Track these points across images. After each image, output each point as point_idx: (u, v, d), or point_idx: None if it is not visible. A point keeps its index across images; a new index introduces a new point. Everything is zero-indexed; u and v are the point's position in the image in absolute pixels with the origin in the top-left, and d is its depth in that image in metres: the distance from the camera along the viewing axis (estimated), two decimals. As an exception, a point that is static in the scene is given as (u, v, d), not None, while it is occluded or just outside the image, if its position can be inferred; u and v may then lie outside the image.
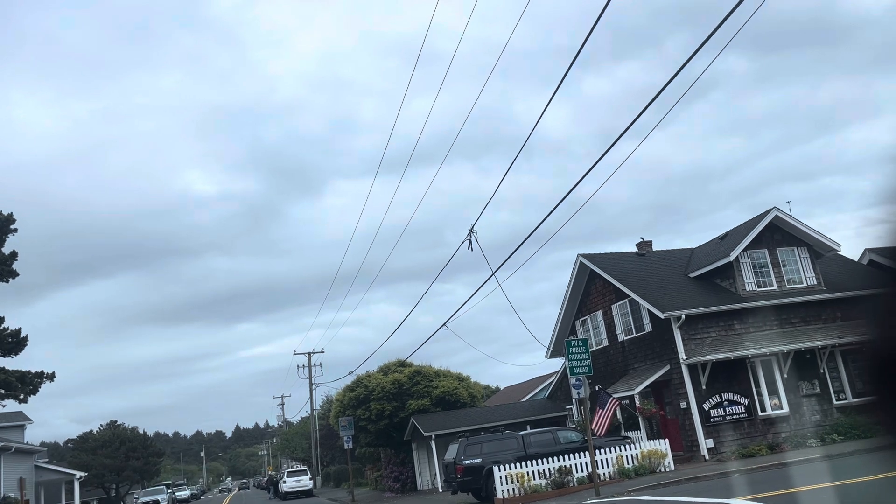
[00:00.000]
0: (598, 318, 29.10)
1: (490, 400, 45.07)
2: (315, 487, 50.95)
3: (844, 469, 16.83)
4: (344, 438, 33.60)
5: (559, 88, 15.31)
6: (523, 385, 44.97)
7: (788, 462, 19.75)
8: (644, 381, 24.38)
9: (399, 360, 36.58)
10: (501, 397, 44.21)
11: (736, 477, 18.70)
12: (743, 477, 18.45)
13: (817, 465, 18.89)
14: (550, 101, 15.43)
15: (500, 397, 45.21)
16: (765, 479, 17.54)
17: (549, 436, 23.29)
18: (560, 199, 16.26)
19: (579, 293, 30.23)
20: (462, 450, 22.31)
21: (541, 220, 17.35)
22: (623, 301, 27.19)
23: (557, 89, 15.57)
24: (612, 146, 14.55)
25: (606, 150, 14.61)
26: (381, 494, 35.57)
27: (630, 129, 55.99)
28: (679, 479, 19.46)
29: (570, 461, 21.73)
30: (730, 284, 25.66)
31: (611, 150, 14.28)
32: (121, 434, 72.18)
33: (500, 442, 22.80)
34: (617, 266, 27.82)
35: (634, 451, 22.38)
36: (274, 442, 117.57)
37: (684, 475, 20.07)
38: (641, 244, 30.52)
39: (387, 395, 33.73)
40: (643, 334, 26.20)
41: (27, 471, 47.51)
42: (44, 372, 27.44)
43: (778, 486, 15.32)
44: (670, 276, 27.19)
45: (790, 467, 19.08)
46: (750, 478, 18.06)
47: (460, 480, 22.00)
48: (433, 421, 32.14)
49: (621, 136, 14.34)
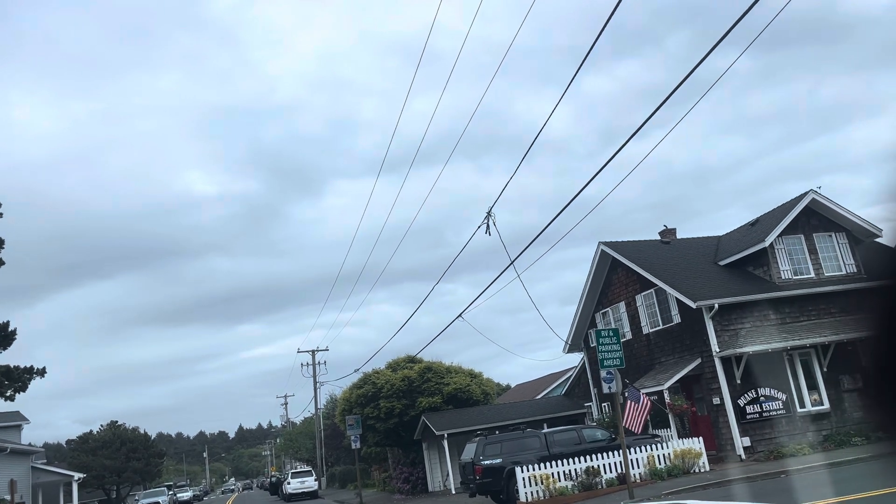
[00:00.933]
0: (620, 310, 27.50)
1: (501, 398, 43.49)
2: (320, 488, 49.38)
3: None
4: (351, 438, 32.02)
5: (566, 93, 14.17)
6: (536, 383, 43.39)
7: (837, 462, 18.15)
8: (674, 375, 22.79)
9: (408, 355, 35.03)
10: (512, 395, 42.65)
11: (785, 479, 17.11)
12: (793, 479, 16.85)
13: (872, 466, 17.28)
14: (557, 105, 14.08)
15: (512, 395, 43.64)
16: (817, 481, 15.95)
17: (573, 434, 21.72)
18: (580, 189, 14.86)
19: (600, 284, 28.63)
20: (481, 449, 20.75)
21: (566, 204, 15.94)
22: (648, 291, 25.60)
23: (564, 94, 14.96)
24: (628, 140, 13.69)
25: (624, 143, 14.27)
26: (389, 496, 34.02)
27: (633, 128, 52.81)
28: (720, 481, 17.87)
29: (597, 461, 20.16)
30: (764, 272, 24.05)
31: (615, 148, 12.82)
32: (121, 434, 70.66)
33: (521, 441, 21.23)
34: (641, 254, 26.23)
35: (666, 450, 20.80)
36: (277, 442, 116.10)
37: (723, 476, 18.48)
38: (665, 232, 28.91)
39: (396, 392, 32.17)
40: (671, 326, 24.60)
41: (24, 472, 46.03)
42: (33, 367, 25.93)
43: (838, 491, 13.74)
44: (699, 264, 25.59)
45: (841, 468, 17.49)
46: (801, 480, 16.47)
47: (479, 482, 20.43)
48: (445, 419, 30.58)
49: (639, 130, 13.73)
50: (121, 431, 71.22)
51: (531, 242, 19.76)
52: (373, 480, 46.35)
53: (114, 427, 71.87)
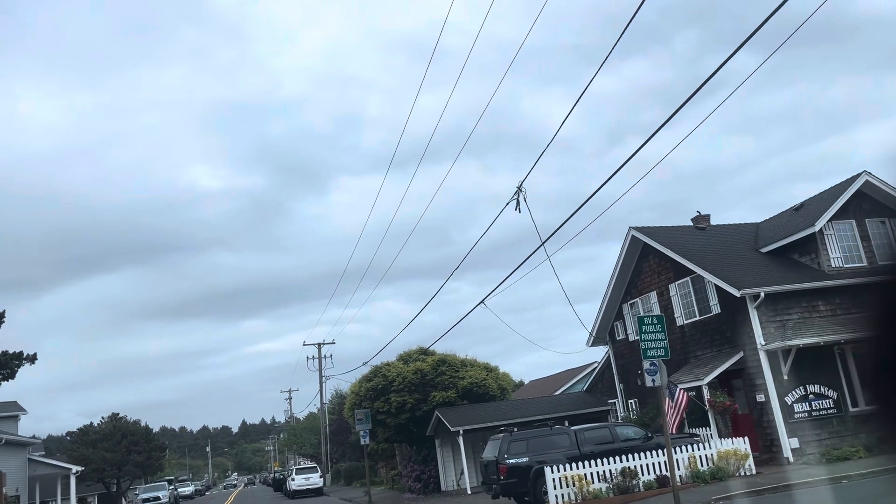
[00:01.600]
0: (650, 301, 25.68)
1: (515, 395, 41.68)
2: (324, 485, 47.71)
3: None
4: (360, 433, 30.33)
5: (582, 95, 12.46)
6: (551, 379, 41.59)
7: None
8: (714, 369, 20.98)
9: (421, 347, 33.29)
10: (526, 392, 40.89)
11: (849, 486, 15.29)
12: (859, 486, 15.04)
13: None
14: (573, 108, 12.45)
15: (525, 392, 41.87)
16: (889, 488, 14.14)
17: (605, 432, 19.93)
18: (611, 173, 13.19)
19: (628, 272, 26.82)
20: (505, 446, 18.99)
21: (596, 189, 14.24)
22: (684, 280, 23.78)
23: (581, 97, 13.54)
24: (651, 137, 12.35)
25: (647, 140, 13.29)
26: (399, 495, 32.30)
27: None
28: (774, 486, 16.06)
29: (634, 462, 18.37)
30: (811, 260, 22.21)
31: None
32: (122, 427, 69.04)
33: (548, 438, 19.46)
34: (675, 240, 24.42)
35: (708, 450, 18.99)
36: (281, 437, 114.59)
37: (777, 481, 16.66)
38: (698, 218, 27.06)
39: (408, 385, 30.43)
40: (709, 317, 22.78)
41: (20, 464, 44.49)
42: (23, 353, 24.32)
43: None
44: (738, 251, 23.76)
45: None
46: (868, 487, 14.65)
47: (504, 482, 18.67)
48: (460, 415, 28.83)
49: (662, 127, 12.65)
50: (122, 424, 69.60)
51: (564, 223, 17.94)
52: (380, 478, 44.65)
53: (115, 419, 70.32)
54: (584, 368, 37.29)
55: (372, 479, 44.48)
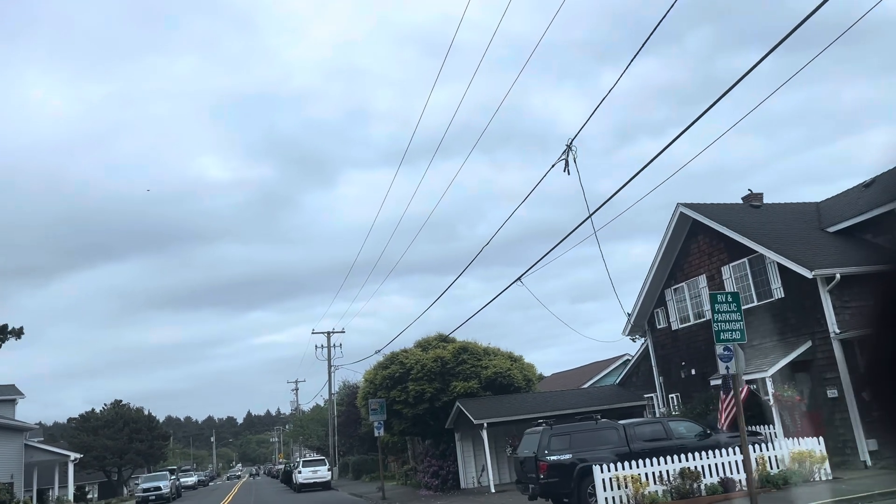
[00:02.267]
0: (698, 285, 23.32)
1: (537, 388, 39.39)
2: (332, 479, 45.56)
3: None
4: (374, 424, 28.14)
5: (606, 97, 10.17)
6: (576, 372, 39.28)
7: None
8: (778, 360, 18.63)
9: (440, 334, 31.03)
10: (549, 386, 38.57)
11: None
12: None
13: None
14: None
15: (547, 386, 39.51)
16: None
17: (658, 427, 17.60)
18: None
19: (673, 255, 24.46)
20: (546, 441, 16.70)
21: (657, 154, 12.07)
22: (740, 261, 21.40)
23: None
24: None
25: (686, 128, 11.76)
26: (413, 492, 30.09)
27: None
28: (866, 496, 13.72)
29: (694, 462, 16.05)
30: (887, 240, 19.79)
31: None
32: (125, 414, 67.27)
33: (594, 433, 17.16)
34: (729, 217, 22.05)
35: (778, 451, 16.66)
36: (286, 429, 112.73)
37: (866, 489, 14.31)
38: (750, 196, 24.67)
39: (427, 374, 28.18)
40: (770, 302, 20.40)
41: (16, 450, 42.56)
42: (7, 326, 22.24)
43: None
44: (801, 230, 21.37)
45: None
46: None
47: (544, 482, 16.39)
48: (484, 407, 26.59)
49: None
50: (124, 411, 67.80)
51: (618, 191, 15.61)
52: (391, 472, 42.49)
53: (117, 406, 68.48)
54: (612, 361, 35.00)
55: (384, 474, 42.35)
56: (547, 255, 18.62)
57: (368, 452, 52.43)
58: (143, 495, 46.94)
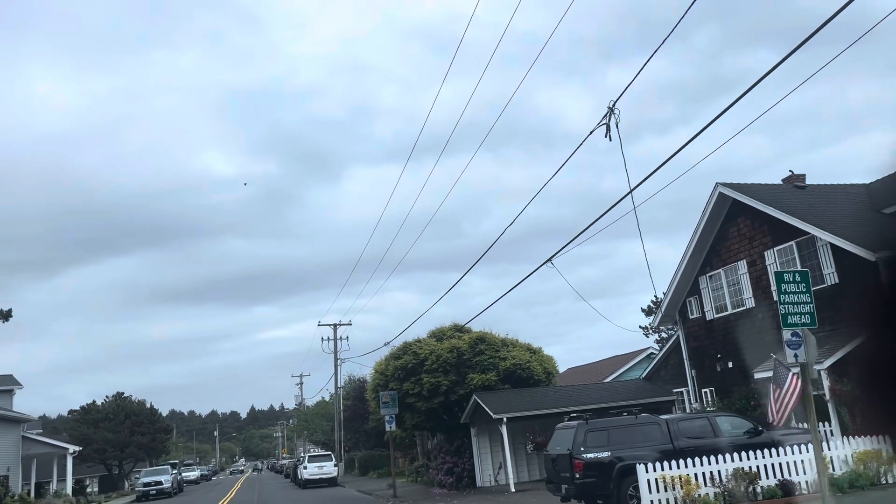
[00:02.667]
0: (738, 271, 21.67)
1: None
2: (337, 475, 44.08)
3: None
4: (385, 418, 26.58)
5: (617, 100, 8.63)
6: (595, 366, 37.63)
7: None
8: (835, 351, 17.00)
9: (455, 324, 29.46)
10: (566, 381, 36.95)
11: None
12: None
13: None
14: (639, 73, 8.62)
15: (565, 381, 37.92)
16: None
17: (704, 423, 16.00)
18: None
19: (709, 239, 22.81)
20: (582, 437, 15.12)
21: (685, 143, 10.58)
22: (786, 245, 19.75)
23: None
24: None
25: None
26: (426, 490, 28.54)
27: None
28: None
29: (748, 461, 14.45)
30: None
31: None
32: (126, 407, 65.88)
33: (634, 429, 15.58)
34: (774, 198, 20.40)
35: (840, 451, 15.04)
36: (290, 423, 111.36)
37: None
38: (791, 178, 23.01)
39: (443, 365, 26.61)
40: (821, 289, 18.68)
41: (12, 442, 41.19)
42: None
43: None
44: (853, 211, 19.71)
45: None
46: None
47: (580, 482, 14.81)
48: (503, 400, 25.04)
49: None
50: (126, 404, 66.42)
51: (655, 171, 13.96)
52: (400, 469, 40.95)
53: (119, 399, 67.13)
54: (633, 356, 33.41)
55: (389, 471, 40.89)
56: (581, 233, 17.01)
57: (374, 448, 50.96)
58: (143, 489, 45.60)
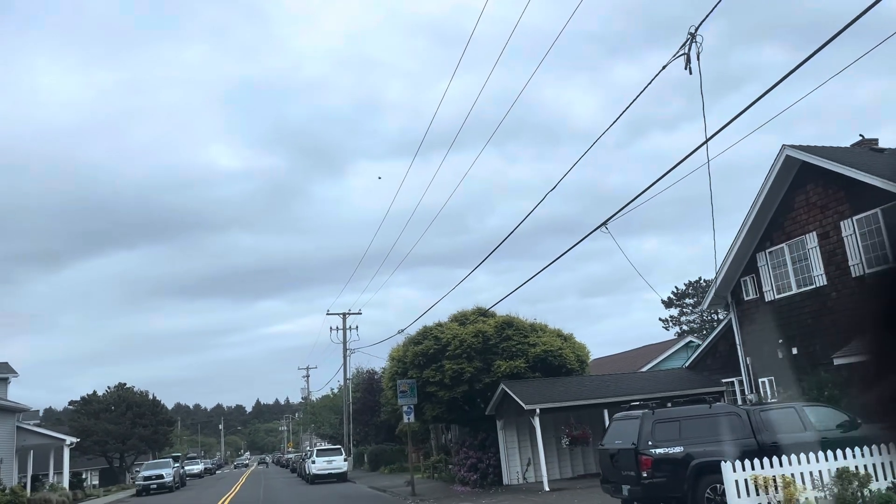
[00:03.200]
0: (805, 245, 19.19)
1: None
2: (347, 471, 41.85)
3: None
4: (403, 409, 24.29)
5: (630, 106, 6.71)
6: (627, 356, 35.14)
7: None
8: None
9: (478, 307, 27.07)
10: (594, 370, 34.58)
11: None
12: None
13: None
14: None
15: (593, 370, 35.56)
16: None
17: (791, 414, 13.57)
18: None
19: (770, 210, 20.33)
20: (650, 429, 12.73)
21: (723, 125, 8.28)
22: (868, 213, 17.27)
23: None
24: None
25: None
26: (447, 487, 26.22)
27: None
28: None
29: (855, 460, 12.03)
30: None
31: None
32: (128, 397, 63.78)
33: (709, 421, 13.17)
34: (852, 160, 17.92)
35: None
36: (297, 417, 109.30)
37: None
38: (863, 142, 20.52)
39: (467, 351, 24.25)
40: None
41: (7, 432, 39.04)
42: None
43: None
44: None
45: None
46: None
47: (647, 482, 12.42)
48: (533, 390, 22.68)
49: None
50: (128, 394, 64.34)
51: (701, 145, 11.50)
52: (414, 464, 38.63)
53: (121, 389, 65.06)
54: (670, 344, 31.04)
55: (402, 465, 38.72)
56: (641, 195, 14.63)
57: (384, 442, 48.76)
58: (143, 483, 43.51)
